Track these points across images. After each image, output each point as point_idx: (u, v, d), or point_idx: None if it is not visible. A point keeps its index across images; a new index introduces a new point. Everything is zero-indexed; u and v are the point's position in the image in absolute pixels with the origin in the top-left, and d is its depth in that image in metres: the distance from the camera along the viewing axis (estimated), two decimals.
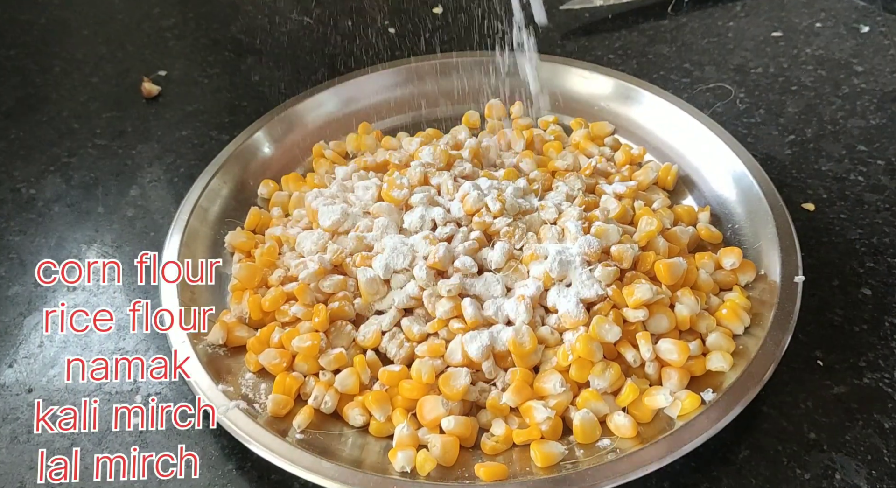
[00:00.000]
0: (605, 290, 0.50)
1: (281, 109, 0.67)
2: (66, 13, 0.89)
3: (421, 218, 0.54)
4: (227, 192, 0.62)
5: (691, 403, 0.46)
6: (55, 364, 0.53)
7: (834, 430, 0.48)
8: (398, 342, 0.51)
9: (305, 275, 0.52)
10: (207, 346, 0.51)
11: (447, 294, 0.50)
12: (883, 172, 0.64)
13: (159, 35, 0.85)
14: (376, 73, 0.70)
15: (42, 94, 0.77)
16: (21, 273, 0.60)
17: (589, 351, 0.47)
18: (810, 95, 0.72)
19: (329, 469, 0.44)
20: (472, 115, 0.69)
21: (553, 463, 0.45)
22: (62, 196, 0.66)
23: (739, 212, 0.58)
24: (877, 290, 0.55)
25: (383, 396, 0.48)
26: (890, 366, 0.51)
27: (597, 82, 0.68)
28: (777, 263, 0.53)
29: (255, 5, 0.89)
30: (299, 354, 0.50)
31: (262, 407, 0.48)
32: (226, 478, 0.47)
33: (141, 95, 0.76)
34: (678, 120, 0.64)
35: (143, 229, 0.63)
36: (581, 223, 0.53)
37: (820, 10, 0.83)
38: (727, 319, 0.51)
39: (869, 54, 0.76)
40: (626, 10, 0.83)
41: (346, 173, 0.62)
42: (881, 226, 0.60)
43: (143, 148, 0.70)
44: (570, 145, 0.65)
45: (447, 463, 0.45)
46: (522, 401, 0.47)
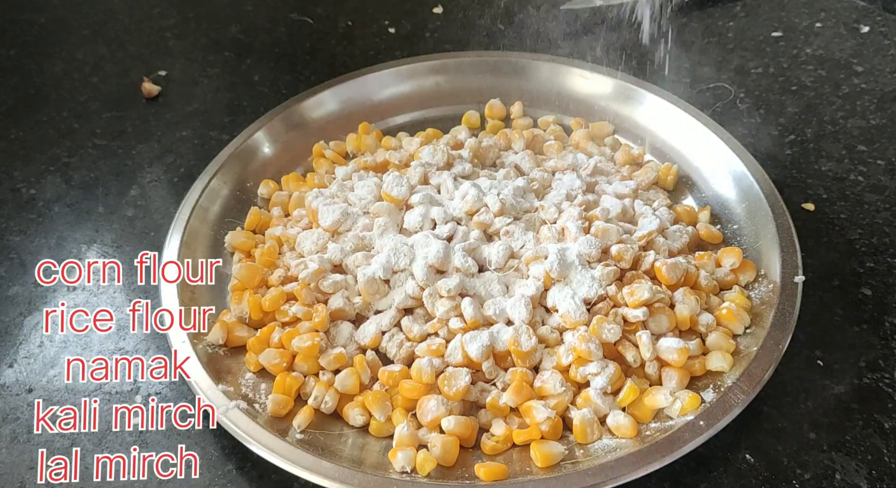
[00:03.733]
0: (605, 290, 0.50)
1: (281, 109, 0.67)
2: (66, 13, 0.89)
3: (421, 217, 0.54)
4: (227, 192, 0.62)
5: (691, 403, 0.46)
6: (55, 364, 0.53)
7: (834, 430, 0.48)
8: (398, 342, 0.51)
9: (305, 274, 0.52)
10: (207, 346, 0.51)
11: (447, 294, 0.50)
12: (883, 172, 0.64)
13: (159, 35, 0.85)
14: (376, 73, 0.70)
15: (42, 94, 0.77)
16: (21, 273, 0.60)
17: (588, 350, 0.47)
18: (810, 95, 0.72)
19: (329, 469, 0.44)
20: (472, 115, 0.69)
21: (553, 463, 0.45)
22: (62, 196, 0.66)
23: (739, 212, 0.58)
24: (877, 290, 0.55)
25: (383, 396, 0.48)
26: (890, 366, 0.51)
27: (597, 82, 0.68)
28: (777, 263, 0.53)
29: (255, 5, 0.89)
30: (299, 354, 0.50)
31: (262, 407, 0.48)
32: (226, 478, 0.47)
33: (141, 95, 0.76)
34: (678, 120, 0.64)
35: (143, 229, 0.63)
36: (581, 223, 0.53)
37: (820, 10, 0.83)
38: (727, 319, 0.51)
39: (869, 54, 0.76)
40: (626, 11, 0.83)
41: (346, 173, 0.62)
42: (881, 226, 0.60)
43: (143, 148, 0.70)
44: (570, 145, 0.65)
45: (447, 463, 0.45)
46: (522, 401, 0.47)
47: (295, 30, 0.84)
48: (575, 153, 0.63)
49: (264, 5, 0.89)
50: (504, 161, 0.63)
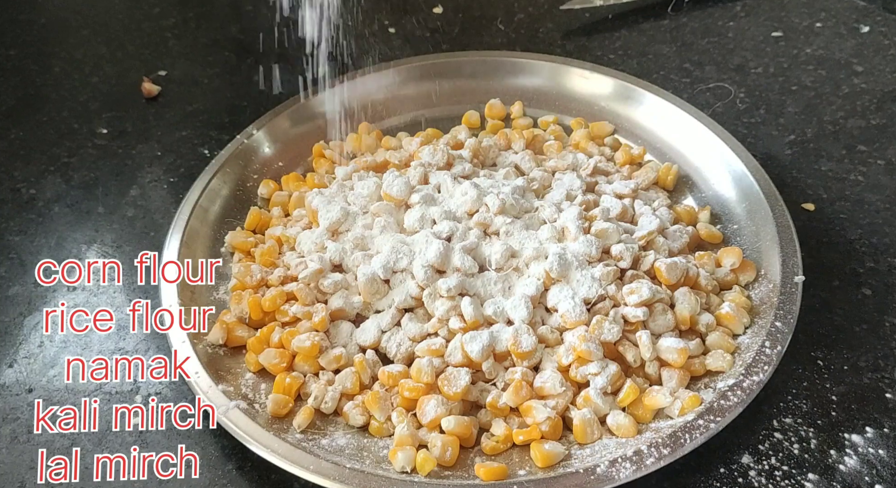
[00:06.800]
0: (605, 290, 0.50)
1: (281, 109, 0.67)
2: (66, 13, 0.89)
3: (421, 217, 0.54)
4: (227, 192, 0.62)
5: (691, 403, 0.46)
6: (55, 364, 0.53)
7: (834, 430, 0.48)
8: (398, 342, 0.51)
9: (305, 274, 0.52)
10: (207, 346, 0.51)
11: (447, 293, 0.50)
12: (883, 172, 0.64)
13: (159, 35, 0.85)
14: (376, 73, 0.70)
15: (42, 94, 0.77)
16: (21, 273, 0.60)
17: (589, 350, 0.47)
18: (810, 95, 0.72)
19: (329, 469, 0.44)
20: (472, 114, 0.69)
21: (553, 463, 0.45)
22: (62, 196, 0.66)
23: (739, 212, 0.58)
24: (877, 290, 0.55)
25: (383, 396, 0.48)
26: (890, 366, 0.51)
27: (597, 82, 0.68)
28: (777, 263, 0.53)
29: (255, 5, 0.89)
30: (299, 354, 0.50)
31: (262, 407, 0.48)
32: (226, 478, 0.47)
33: (141, 95, 0.76)
34: (678, 120, 0.64)
35: (143, 229, 0.63)
36: (581, 223, 0.53)
37: (820, 10, 0.83)
38: (727, 319, 0.51)
39: (869, 54, 0.76)
40: (626, 10, 0.83)
41: (346, 173, 0.62)
42: (881, 226, 0.60)
43: (143, 148, 0.70)
44: (570, 145, 0.65)
45: (447, 463, 0.45)
46: (522, 401, 0.47)
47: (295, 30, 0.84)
48: (575, 153, 0.63)
49: (264, 5, 0.89)
50: (504, 161, 0.63)
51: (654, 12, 0.83)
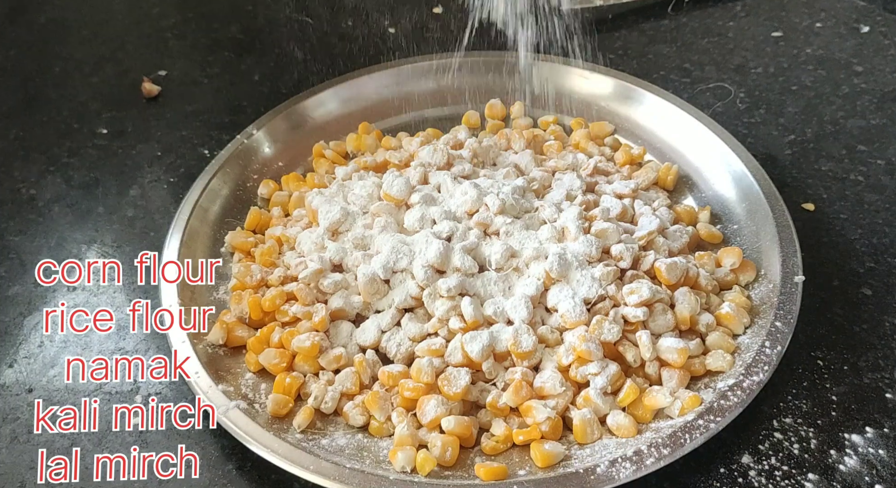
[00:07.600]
0: (605, 290, 0.50)
1: (281, 109, 0.67)
2: (66, 13, 0.89)
3: (421, 217, 0.54)
4: (227, 192, 0.62)
5: (691, 403, 0.46)
6: (55, 364, 0.53)
7: (834, 430, 0.48)
8: (398, 342, 0.51)
9: (305, 274, 0.52)
10: (207, 346, 0.51)
11: (447, 293, 0.50)
12: (883, 172, 0.64)
13: (159, 35, 0.85)
14: (376, 73, 0.70)
15: (42, 94, 0.77)
16: (21, 273, 0.60)
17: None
18: (810, 95, 0.72)
19: (329, 469, 0.44)
20: (472, 115, 0.69)
21: (553, 463, 0.45)
22: (62, 196, 0.66)
23: (739, 212, 0.58)
24: (877, 290, 0.55)
25: (383, 396, 0.48)
26: (890, 366, 0.51)
27: (597, 82, 0.68)
28: (777, 263, 0.53)
29: (255, 5, 0.89)
30: (299, 354, 0.50)
31: (262, 407, 0.48)
32: (226, 478, 0.47)
33: (141, 95, 0.76)
34: (678, 120, 0.64)
35: (143, 229, 0.63)
36: (581, 223, 0.53)
37: (820, 10, 0.83)
38: (727, 319, 0.51)
39: (869, 54, 0.76)
40: (626, 10, 0.83)
41: (346, 173, 0.62)
42: (881, 226, 0.60)
43: (143, 148, 0.70)
44: (570, 145, 0.65)
45: (447, 463, 0.45)
46: (522, 401, 0.47)
47: (295, 30, 0.84)
48: (575, 153, 0.63)
49: (264, 5, 0.89)
50: (504, 161, 0.63)
51: (654, 12, 0.83)
